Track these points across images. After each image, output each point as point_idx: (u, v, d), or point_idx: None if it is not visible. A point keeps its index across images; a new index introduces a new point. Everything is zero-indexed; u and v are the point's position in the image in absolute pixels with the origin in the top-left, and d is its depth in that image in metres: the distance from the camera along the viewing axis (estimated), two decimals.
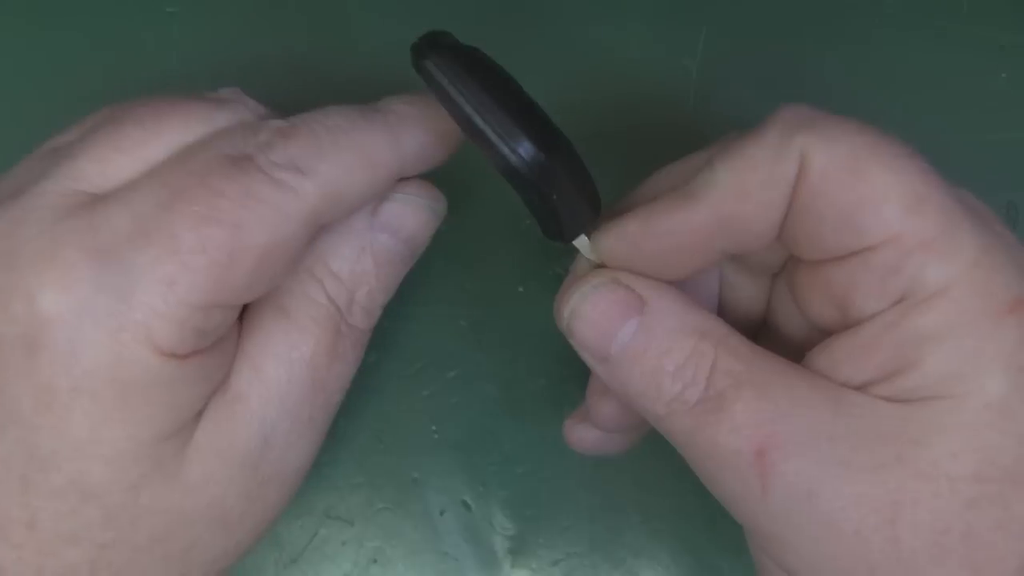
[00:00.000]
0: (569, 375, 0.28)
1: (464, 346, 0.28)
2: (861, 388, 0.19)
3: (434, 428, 0.28)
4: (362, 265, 0.22)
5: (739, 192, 0.19)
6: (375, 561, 0.28)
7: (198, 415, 0.20)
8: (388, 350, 0.28)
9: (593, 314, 0.20)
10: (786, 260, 0.23)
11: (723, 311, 0.24)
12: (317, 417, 0.22)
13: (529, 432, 0.28)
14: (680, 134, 0.29)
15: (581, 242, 0.21)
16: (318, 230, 0.20)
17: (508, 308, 0.28)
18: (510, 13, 0.29)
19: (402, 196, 0.22)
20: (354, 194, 0.20)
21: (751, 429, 0.19)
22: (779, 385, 0.19)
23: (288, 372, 0.21)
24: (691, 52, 0.29)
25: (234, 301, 0.19)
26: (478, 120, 0.19)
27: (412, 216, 0.23)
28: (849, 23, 0.30)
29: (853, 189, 0.19)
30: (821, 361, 0.20)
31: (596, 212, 0.21)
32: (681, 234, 0.20)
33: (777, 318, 0.23)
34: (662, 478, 0.28)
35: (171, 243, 0.18)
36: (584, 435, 0.25)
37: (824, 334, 0.20)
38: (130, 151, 0.20)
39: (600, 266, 0.21)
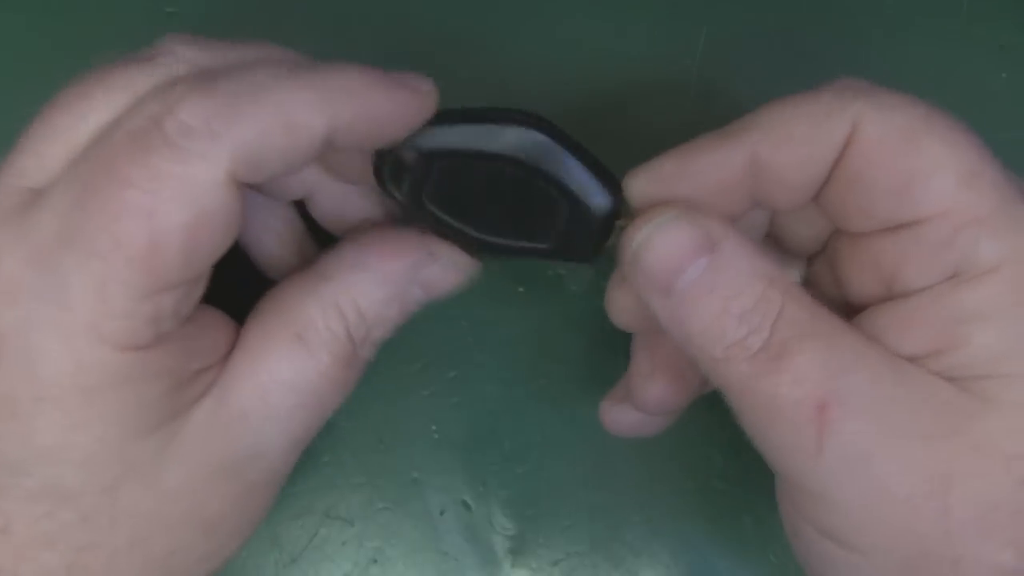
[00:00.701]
0: (569, 375, 0.28)
1: (464, 346, 0.28)
2: (909, 360, 0.19)
3: (434, 428, 0.28)
4: (389, 311, 0.22)
5: (780, 138, 0.19)
6: (375, 561, 0.28)
7: (176, 416, 0.19)
8: (388, 350, 0.28)
9: (663, 246, 0.20)
10: (825, 240, 0.22)
11: None
12: (310, 434, 0.21)
13: (529, 432, 0.28)
14: (680, 134, 0.29)
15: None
16: (247, 189, 0.19)
17: (508, 308, 0.28)
18: (509, 13, 0.29)
19: (448, 261, 0.22)
20: (274, 156, 0.18)
21: (813, 383, 0.18)
22: (843, 341, 0.19)
23: (296, 399, 0.20)
24: (691, 52, 0.29)
25: (176, 282, 0.18)
26: (489, 125, 0.20)
27: (451, 281, 0.23)
28: (849, 23, 0.30)
29: (907, 160, 0.18)
30: (865, 329, 0.19)
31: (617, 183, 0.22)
32: (715, 175, 0.20)
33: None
34: (662, 478, 0.28)
35: (90, 245, 0.18)
36: (622, 417, 0.24)
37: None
38: (59, 140, 0.19)
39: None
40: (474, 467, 0.28)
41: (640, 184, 0.21)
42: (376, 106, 0.19)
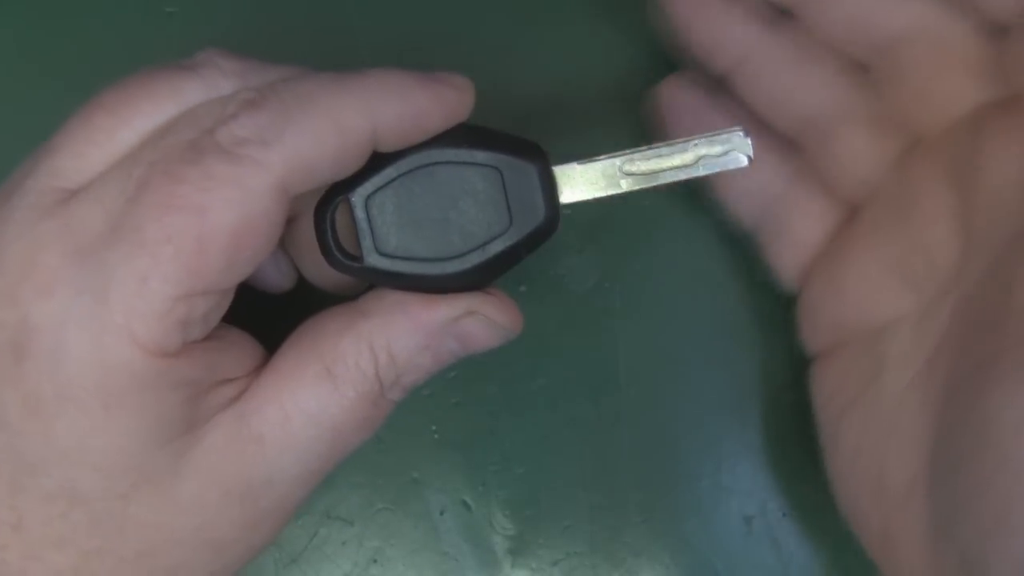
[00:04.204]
0: (569, 375, 0.28)
1: None
2: None
3: (434, 428, 0.28)
4: (421, 359, 0.22)
5: None
6: (375, 561, 0.28)
7: (193, 429, 0.19)
8: None
9: None
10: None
11: None
12: (327, 467, 0.21)
13: (529, 432, 0.28)
14: None
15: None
16: (294, 200, 0.19)
17: None
18: (507, 12, 0.29)
19: (486, 318, 0.22)
20: (324, 161, 0.19)
21: None
22: None
23: (316, 431, 0.20)
24: None
25: (214, 287, 0.19)
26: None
27: (488, 338, 0.22)
28: None
29: None
30: None
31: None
32: None
33: None
34: (662, 478, 0.28)
35: (139, 237, 0.18)
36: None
37: None
38: (102, 142, 0.19)
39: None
40: (474, 467, 0.28)
41: None
42: (416, 103, 0.20)
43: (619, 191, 0.21)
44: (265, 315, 0.22)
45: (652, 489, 0.28)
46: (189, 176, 0.18)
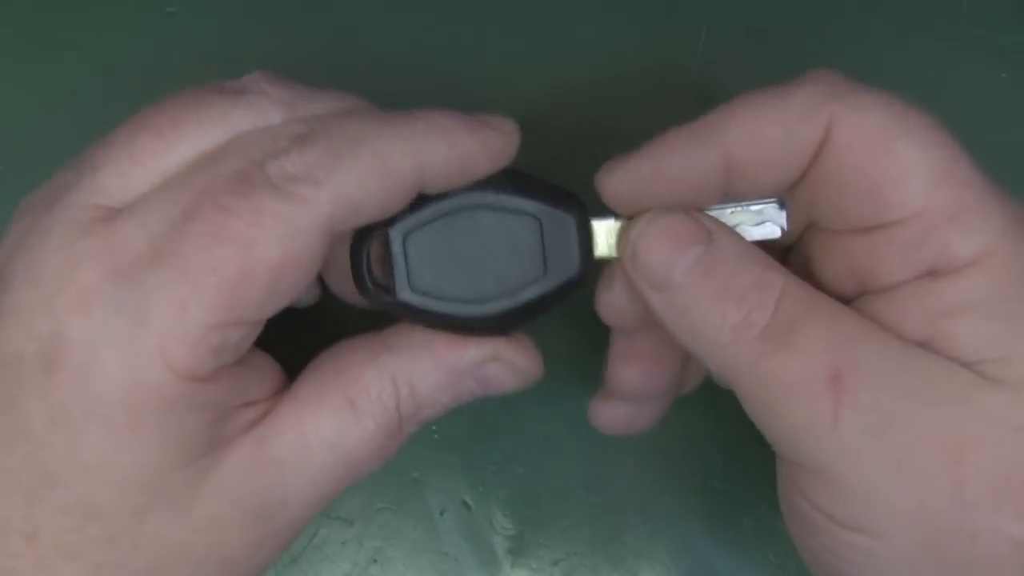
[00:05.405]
0: (569, 375, 0.28)
1: None
2: None
3: (434, 428, 0.28)
4: (441, 396, 0.22)
5: (752, 141, 0.19)
6: (375, 561, 0.28)
7: (214, 450, 0.20)
8: None
9: (660, 239, 0.20)
10: (798, 234, 0.23)
11: None
12: (339, 491, 0.21)
13: (529, 432, 0.28)
14: None
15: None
16: (336, 237, 0.20)
17: None
18: (507, 12, 0.29)
19: (509, 363, 0.22)
20: (371, 202, 0.19)
21: (826, 354, 0.18)
22: (847, 316, 0.19)
23: (332, 458, 0.21)
24: (691, 52, 0.29)
25: (252, 318, 0.19)
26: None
27: (509, 382, 0.22)
28: (849, 23, 0.30)
29: (879, 164, 0.19)
30: None
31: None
32: (690, 176, 0.20)
33: None
34: (662, 478, 0.28)
35: (183, 264, 0.18)
36: (611, 412, 0.24)
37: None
38: (148, 164, 0.20)
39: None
40: (474, 467, 0.28)
41: (615, 184, 0.21)
42: (463, 147, 0.20)
43: None
44: (285, 328, 0.22)
45: (652, 489, 0.28)
46: (239, 209, 0.18)
